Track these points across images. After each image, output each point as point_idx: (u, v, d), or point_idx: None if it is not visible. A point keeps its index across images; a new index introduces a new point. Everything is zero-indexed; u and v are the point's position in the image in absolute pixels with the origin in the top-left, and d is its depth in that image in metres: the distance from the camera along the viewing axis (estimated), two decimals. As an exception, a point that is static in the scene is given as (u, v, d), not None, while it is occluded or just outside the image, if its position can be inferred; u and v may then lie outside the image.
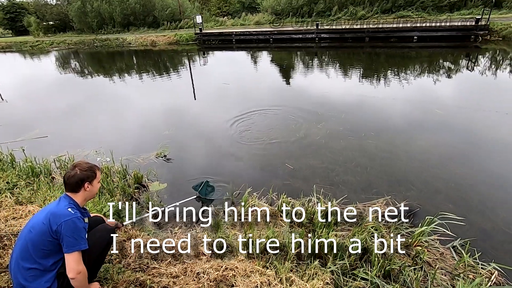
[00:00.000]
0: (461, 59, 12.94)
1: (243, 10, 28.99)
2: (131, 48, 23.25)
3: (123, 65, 17.52)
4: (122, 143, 6.37)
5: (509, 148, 5.23)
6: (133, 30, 28.06)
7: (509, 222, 3.54)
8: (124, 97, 10.52)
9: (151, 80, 12.89)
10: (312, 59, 15.11)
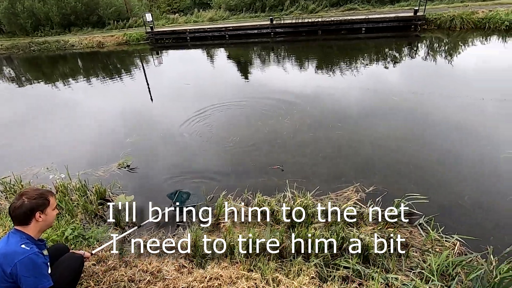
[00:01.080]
0: (404, 47, 14.02)
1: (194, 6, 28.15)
2: (75, 51, 21.38)
3: (67, 70, 16.05)
4: (78, 156, 5.83)
5: (456, 127, 5.77)
6: (75, 31, 25.78)
7: (463, 196, 3.91)
8: (73, 105, 9.63)
9: (102, 85, 11.98)
10: (269, 54, 15.25)
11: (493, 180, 4.19)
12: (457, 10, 15.10)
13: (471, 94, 7.22)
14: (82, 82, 12.74)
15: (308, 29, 17.09)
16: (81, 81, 13.04)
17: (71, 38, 22.87)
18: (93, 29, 25.48)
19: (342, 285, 2.67)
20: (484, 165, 4.51)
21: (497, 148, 4.88)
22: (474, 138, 5.35)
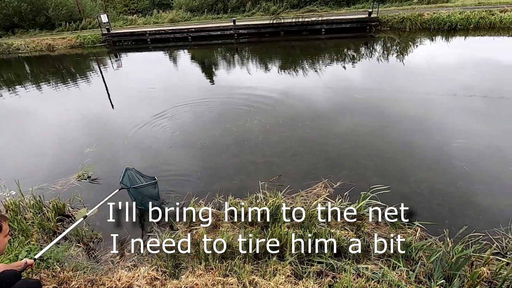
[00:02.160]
0: (361, 47, 14.82)
1: (153, 7, 27.17)
2: (21, 55, 19.58)
3: (13, 76, 14.65)
4: (31, 170, 5.33)
5: (411, 120, 6.20)
6: (20, 33, 23.61)
7: (420, 184, 4.22)
8: (22, 114, 8.80)
9: (55, 91, 11.10)
10: (234, 55, 15.22)
11: (446, 168, 4.57)
12: (406, 12, 16.30)
13: (423, 90, 7.82)
14: (31, 89, 11.69)
15: (271, 30, 17.36)
16: (30, 87, 11.96)
17: (16, 41, 20.91)
18: (41, 31, 23.53)
19: (316, 280, 2.74)
20: (437, 155, 4.90)
21: (448, 138, 5.34)
22: (428, 129, 5.79)
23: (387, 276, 2.66)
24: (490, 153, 4.85)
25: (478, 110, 6.46)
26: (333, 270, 2.86)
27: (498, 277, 2.75)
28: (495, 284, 2.75)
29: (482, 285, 2.73)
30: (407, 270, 2.79)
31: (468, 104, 6.81)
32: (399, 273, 2.78)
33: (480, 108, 6.58)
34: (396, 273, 2.76)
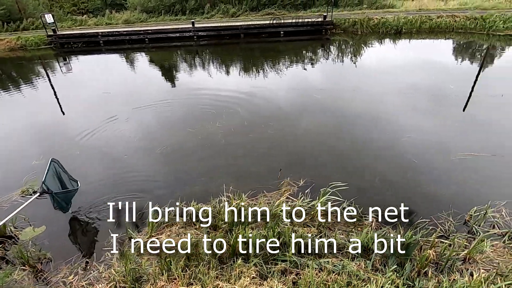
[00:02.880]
0: (318, 49, 15.44)
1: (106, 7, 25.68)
2: (-51, 58, 17.28)
3: None
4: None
5: (366, 118, 6.58)
6: None
7: (375, 177, 4.50)
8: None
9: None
10: (194, 58, 14.95)
11: (397, 161, 4.93)
12: (357, 16, 17.33)
13: (375, 89, 8.37)
14: (-38, 97, 10.36)
15: (231, 32, 17.35)
16: (-39, 95, 10.59)
17: None
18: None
19: (281, 278, 2.78)
20: (389, 149, 5.26)
21: (398, 133, 5.76)
22: (380, 126, 6.19)
23: (346, 268, 2.79)
24: (434, 146, 5.33)
25: (422, 106, 7.07)
26: (296, 267, 2.93)
27: (443, 258, 3.03)
28: (441, 264, 3.02)
29: (430, 266, 2.99)
30: (364, 260, 2.95)
31: (414, 101, 7.42)
32: (358, 263, 2.93)
33: (424, 104, 7.21)
34: (355, 264, 2.91)
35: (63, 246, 3.45)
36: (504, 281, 2.69)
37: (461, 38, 14.51)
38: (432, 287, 2.65)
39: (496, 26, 14.29)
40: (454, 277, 2.82)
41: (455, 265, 3.00)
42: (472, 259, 3.07)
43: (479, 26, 14.74)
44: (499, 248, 3.23)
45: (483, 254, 3.11)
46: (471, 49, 13.21)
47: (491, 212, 3.62)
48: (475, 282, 2.65)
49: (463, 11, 16.33)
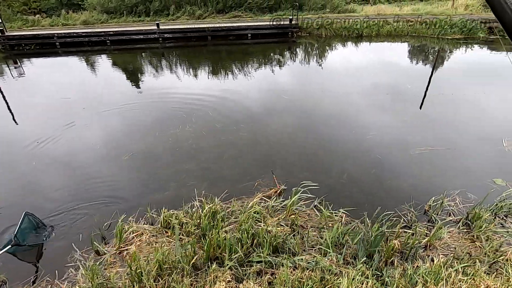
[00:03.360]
0: (285, 51, 15.76)
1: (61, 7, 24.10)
2: None
3: None
4: None
5: (333, 117, 6.83)
6: None
7: (343, 175, 4.68)
8: None
9: None
10: (160, 60, 14.52)
11: (363, 158, 5.17)
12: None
13: (340, 89, 8.72)
14: None
15: (198, 34, 17.12)
16: None
17: None
18: None
19: (256, 280, 2.79)
20: (355, 147, 5.50)
21: (363, 131, 6.04)
22: (346, 125, 6.46)
23: (319, 264, 2.87)
24: (395, 142, 5.67)
25: (384, 105, 7.50)
26: (272, 267, 2.95)
27: (406, 247, 3.23)
28: (405, 253, 3.22)
29: (396, 255, 3.17)
30: (336, 255, 3.05)
31: (376, 100, 7.85)
32: (330, 258, 3.02)
33: (385, 103, 7.65)
34: (327, 259, 3.00)
35: (19, 266, 3.17)
36: (460, 264, 2.93)
37: (415, 42, 15.62)
38: (398, 275, 2.81)
39: (445, 30, 15.61)
40: (417, 264, 3.02)
41: (417, 252, 3.21)
42: (432, 245, 3.31)
43: (430, 30, 16.01)
44: (455, 234, 3.52)
45: (441, 241, 3.37)
46: (424, 51, 14.29)
47: (447, 201, 3.93)
48: (435, 266, 2.86)
49: (416, 16, 17.62)
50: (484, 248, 3.19)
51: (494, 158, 5.08)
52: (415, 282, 2.72)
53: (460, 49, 13.92)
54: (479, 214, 3.58)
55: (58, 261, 3.27)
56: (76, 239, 3.53)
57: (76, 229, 3.71)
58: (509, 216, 3.77)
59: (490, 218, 3.63)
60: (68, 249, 3.38)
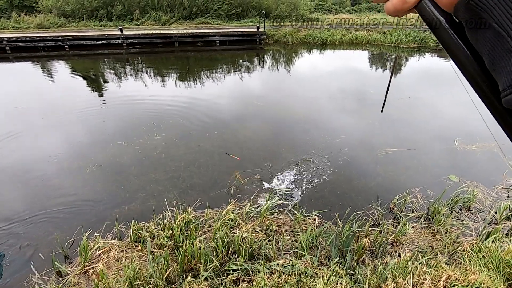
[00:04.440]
0: (254, 58, 15.98)
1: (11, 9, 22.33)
2: None
3: None
4: None
5: (303, 122, 7.01)
6: None
7: (313, 180, 4.80)
8: None
9: None
10: (124, 66, 13.97)
11: (333, 160, 5.35)
12: (288, 28, 18.54)
13: (308, 94, 9.00)
14: None
15: (165, 40, 16.77)
16: None
17: None
18: None
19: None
20: (325, 149, 5.68)
21: (332, 135, 6.27)
22: (316, 128, 6.66)
23: (295, 267, 2.90)
24: (361, 144, 5.96)
25: (349, 109, 7.87)
26: (248, 274, 2.93)
27: (376, 244, 3.38)
28: (375, 250, 3.37)
29: (366, 253, 3.30)
30: (311, 257, 3.11)
31: (342, 105, 8.21)
32: (305, 261, 3.07)
33: (351, 107, 8.03)
34: (302, 262, 3.05)
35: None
36: (424, 257, 3.13)
37: (374, 50, 16.66)
38: (370, 272, 2.93)
39: (400, 40, 16.84)
40: (386, 260, 3.17)
41: (386, 249, 3.38)
42: (398, 241, 3.50)
43: (387, 39, 17.18)
44: (418, 229, 3.75)
45: (406, 236, 3.58)
46: (383, 59, 15.28)
47: (409, 199, 4.18)
48: (402, 261, 3.02)
49: (374, 25, 18.81)
50: (444, 241, 3.44)
51: (448, 156, 5.53)
52: (385, 278, 2.85)
53: (414, 57, 15.09)
54: (438, 209, 3.86)
55: (14, 286, 2.96)
56: (34, 260, 3.23)
57: (34, 248, 3.40)
58: (464, 210, 4.11)
59: (448, 212, 3.94)
60: (26, 272, 3.09)
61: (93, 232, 3.51)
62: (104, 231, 3.60)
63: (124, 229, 3.60)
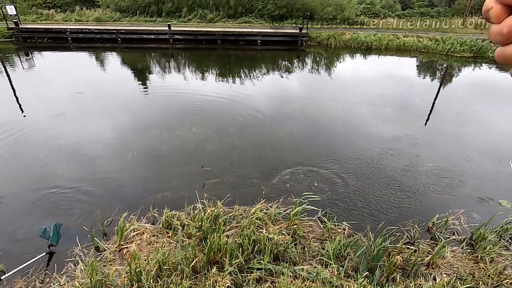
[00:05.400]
0: (294, 59, 15.85)
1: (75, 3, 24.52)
2: None
3: None
4: None
5: (340, 127, 6.82)
6: None
7: (346, 188, 4.65)
8: None
9: None
10: (168, 61, 14.66)
11: (368, 170, 5.13)
12: (331, 31, 18.12)
13: (347, 98, 8.72)
14: None
15: (208, 37, 17.30)
16: None
17: None
18: None
19: (256, 287, 2.76)
20: (361, 158, 5.47)
21: (370, 143, 6.02)
22: (353, 134, 6.44)
23: (320, 275, 2.83)
24: (401, 156, 5.63)
25: (391, 118, 7.48)
26: (272, 275, 2.92)
27: (409, 263, 3.18)
28: (407, 269, 3.17)
29: (397, 271, 3.12)
30: (337, 267, 3.02)
31: (384, 112, 7.84)
32: (331, 270, 2.99)
33: (393, 116, 7.63)
34: (328, 271, 2.97)
35: (19, 257, 3.16)
36: (463, 285, 2.88)
37: (424, 57, 15.65)
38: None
39: (454, 48, 15.63)
40: (419, 282, 2.97)
41: (420, 270, 3.17)
42: (435, 264, 3.26)
43: (439, 47, 16.04)
44: (458, 253, 3.46)
45: (444, 259, 3.32)
46: (433, 67, 14.30)
47: (451, 220, 3.88)
48: (438, 286, 2.81)
49: (426, 32, 17.68)
50: (488, 270, 3.14)
51: (500, 179, 5.03)
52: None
53: (468, 67, 13.91)
54: (483, 234, 3.53)
55: (57, 255, 3.26)
56: (77, 234, 3.52)
57: (78, 223, 3.71)
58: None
59: (495, 239, 3.58)
60: (69, 243, 3.38)
61: (129, 214, 3.73)
62: (139, 214, 3.81)
63: (157, 215, 3.78)
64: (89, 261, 2.98)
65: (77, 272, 2.92)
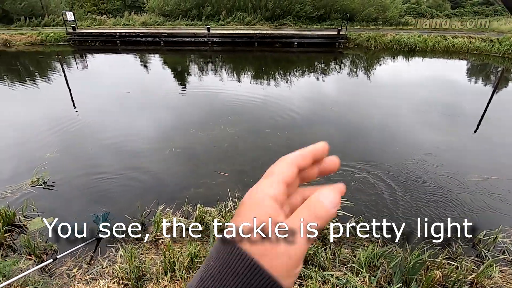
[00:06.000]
0: (331, 61, 15.52)
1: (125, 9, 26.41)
2: (-28, 49, 17.88)
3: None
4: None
5: (379, 133, 6.56)
6: (-29, 26, 21.58)
7: (380, 195, 4.45)
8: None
9: (10, 90, 10.26)
10: (207, 62, 15.18)
11: (406, 179, 4.87)
12: (371, 32, 17.44)
13: (387, 103, 8.35)
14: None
15: (245, 40, 17.61)
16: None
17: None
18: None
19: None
20: (398, 166, 5.20)
21: (411, 150, 5.70)
22: (392, 141, 6.15)
23: (350, 282, 2.75)
24: (446, 165, 5.25)
25: (436, 124, 7.02)
26: (300, 277, 2.90)
27: (449, 280, 2.97)
28: (447, 286, 2.95)
29: (435, 287, 2.93)
30: (369, 276, 2.91)
31: (428, 119, 7.37)
32: (362, 279, 2.89)
33: (438, 123, 7.15)
34: (359, 279, 2.87)
35: (69, 239, 3.48)
36: (513, 309, 2.62)
37: (476, 60, 14.43)
38: (437, 310, 2.59)
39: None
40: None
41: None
42: (479, 283, 3.00)
43: (494, 48, 14.67)
44: (508, 274, 3.15)
45: (491, 280, 3.04)
46: (486, 71, 13.12)
47: (501, 237, 3.54)
48: (482, 307, 2.58)
49: (478, 32, 16.29)
50: (544, 296, 2.82)
51: None
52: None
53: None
54: (540, 256, 3.17)
55: (102, 240, 3.54)
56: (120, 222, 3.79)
57: (122, 212, 4.00)
58: None
59: (554, 263, 3.20)
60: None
61: (165, 207, 3.93)
62: (175, 208, 4.00)
63: (191, 210, 3.94)
64: (128, 248, 3.19)
65: (118, 257, 3.15)
